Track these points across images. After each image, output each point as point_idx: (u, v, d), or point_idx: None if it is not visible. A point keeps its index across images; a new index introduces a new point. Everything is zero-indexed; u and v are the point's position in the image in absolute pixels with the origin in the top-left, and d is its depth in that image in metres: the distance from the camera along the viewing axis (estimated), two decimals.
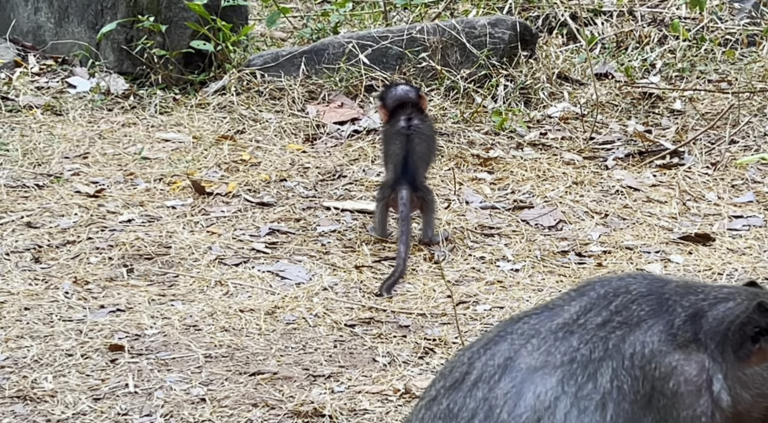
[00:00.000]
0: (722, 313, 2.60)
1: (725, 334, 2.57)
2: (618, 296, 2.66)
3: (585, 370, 2.56)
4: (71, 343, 4.35)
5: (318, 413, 3.82)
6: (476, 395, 2.62)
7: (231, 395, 3.97)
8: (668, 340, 2.56)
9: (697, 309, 2.62)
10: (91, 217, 5.53)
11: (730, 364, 2.56)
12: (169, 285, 4.94)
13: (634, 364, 2.53)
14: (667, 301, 2.63)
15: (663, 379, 2.52)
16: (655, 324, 2.59)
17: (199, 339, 4.41)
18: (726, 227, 5.54)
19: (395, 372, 4.13)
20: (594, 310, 2.65)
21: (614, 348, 2.57)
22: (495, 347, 2.69)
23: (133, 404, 3.92)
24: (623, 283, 2.71)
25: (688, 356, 2.55)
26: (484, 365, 2.66)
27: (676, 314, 2.60)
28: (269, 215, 5.61)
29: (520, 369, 2.60)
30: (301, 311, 4.66)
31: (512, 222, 5.58)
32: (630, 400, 2.51)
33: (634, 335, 2.57)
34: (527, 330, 2.68)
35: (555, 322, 2.67)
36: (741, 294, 2.66)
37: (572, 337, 2.61)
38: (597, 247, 5.32)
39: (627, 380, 2.52)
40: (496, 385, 2.60)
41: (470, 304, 4.75)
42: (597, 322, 2.62)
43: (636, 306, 2.63)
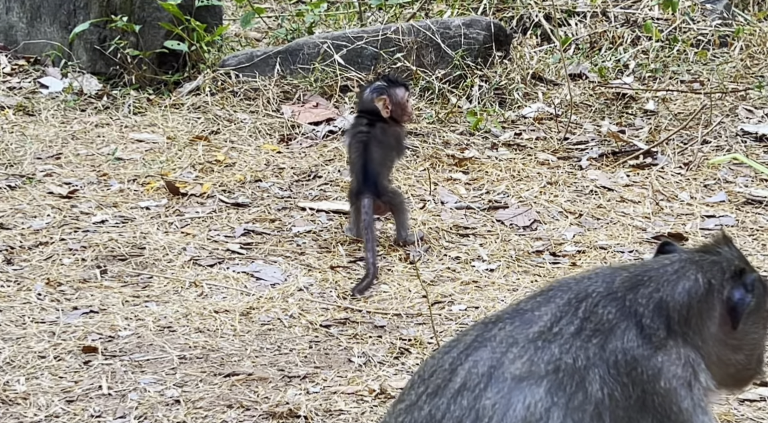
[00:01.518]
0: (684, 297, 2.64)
1: (697, 316, 2.61)
2: (581, 301, 2.68)
3: (572, 379, 2.56)
4: (44, 345, 4.32)
5: (293, 414, 3.81)
6: (461, 403, 2.61)
7: (206, 396, 3.96)
8: (646, 343, 2.58)
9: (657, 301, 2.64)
10: (64, 218, 5.50)
11: (713, 341, 2.61)
12: (143, 286, 4.91)
13: (619, 371, 2.55)
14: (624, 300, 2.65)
15: (652, 381, 2.54)
16: (628, 328, 2.61)
17: (173, 340, 4.39)
18: (699, 227, 5.57)
19: (371, 372, 4.13)
20: (565, 317, 2.66)
21: (596, 356, 2.58)
22: (476, 354, 2.68)
23: (107, 406, 3.90)
24: (582, 286, 2.72)
25: (670, 354, 2.58)
26: (468, 373, 2.65)
27: (640, 314, 2.62)
28: (244, 216, 5.59)
29: (506, 378, 2.59)
30: (276, 312, 4.65)
31: (487, 222, 5.59)
32: (624, 407, 2.52)
33: (612, 343, 2.59)
34: (505, 337, 2.68)
35: (531, 331, 2.67)
36: (683, 269, 2.69)
37: (552, 345, 2.62)
38: (571, 247, 5.34)
39: (617, 387, 2.53)
40: (482, 394, 2.59)
41: (445, 304, 4.76)
42: (571, 331, 2.63)
43: (602, 310, 2.65)
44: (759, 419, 3.78)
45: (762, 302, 2.69)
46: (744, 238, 5.46)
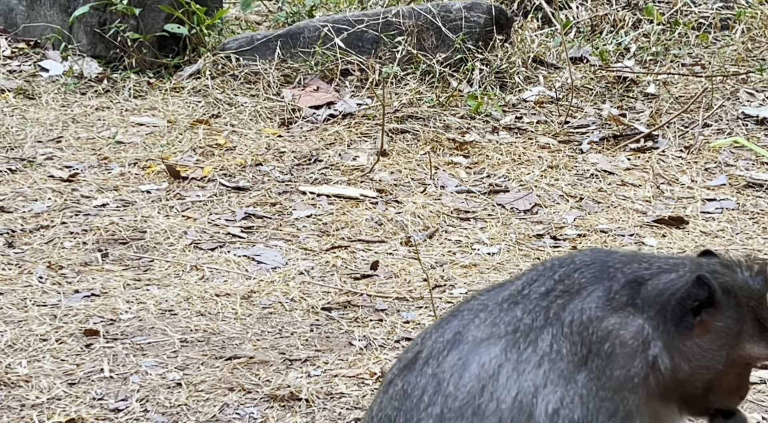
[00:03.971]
0: (663, 283, 2.63)
1: (665, 305, 2.60)
2: (562, 267, 2.71)
3: (527, 338, 2.61)
4: (46, 328, 4.33)
5: (294, 397, 3.82)
6: (426, 372, 2.67)
7: (207, 379, 3.97)
8: (605, 306, 2.60)
9: (638, 276, 2.65)
10: (65, 201, 5.50)
11: (671, 336, 2.59)
12: (144, 270, 4.92)
13: (573, 330, 2.58)
14: (608, 268, 2.66)
15: (599, 342, 2.56)
16: (595, 290, 2.63)
17: (174, 323, 4.41)
18: (699, 210, 5.58)
19: (371, 355, 4.14)
20: (539, 280, 2.70)
21: (555, 316, 2.62)
22: (446, 325, 2.74)
23: (109, 389, 3.91)
24: (570, 255, 2.76)
25: (625, 320, 2.59)
26: (434, 343, 2.72)
27: (615, 280, 2.64)
28: (245, 200, 5.59)
29: (467, 342, 2.66)
30: (277, 295, 4.66)
31: (488, 206, 5.59)
32: (566, 361, 2.56)
33: (573, 303, 2.62)
34: (476, 306, 2.74)
35: (502, 296, 2.72)
36: (685, 265, 2.69)
37: (516, 307, 2.67)
38: (572, 231, 5.35)
39: (565, 344, 2.57)
40: (444, 360, 2.65)
41: (446, 287, 4.77)
42: (540, 292, 2.67)
43: (578, 274, 2.67)
44: (759, 402, 3.79)
45: (725, 329, 2.60)
46: (744, 222, 5.46)
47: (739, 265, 2.69)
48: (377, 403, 2.76)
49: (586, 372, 2.55)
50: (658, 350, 2.58)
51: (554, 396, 2.54)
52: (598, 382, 2.54)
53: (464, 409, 2.61)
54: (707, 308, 2.61)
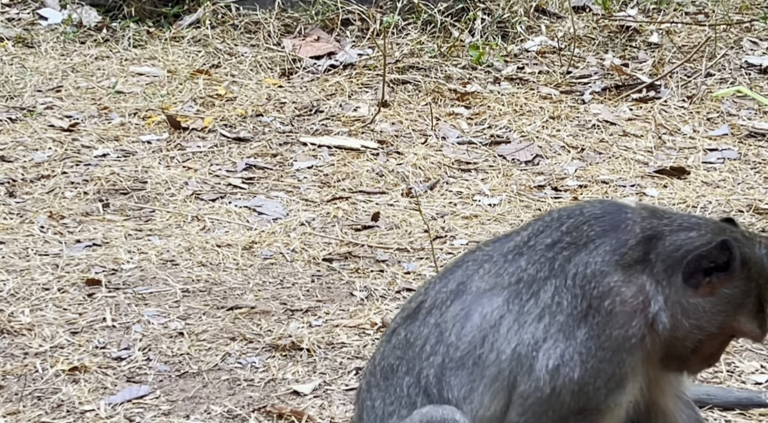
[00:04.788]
0: (681, 240, 2.64)
1: (679, 261, 2.61)
2: (571, 218, 2.71)
3: (529, 288, 2.63)
4: (48, 277, 4.35)
5: (296, 347, 3.85)
6: (429, 322, 2.69)
7: (209, 329, 3.99)
8: (612, 261, 2.61)
9: (657, 232, 2.65)
10: (65, 151, 5.49)
11: (675, 289, 2.61)
12: (145, 220, 4.93)
13: (575, 283, 2.59)
14: (625, 221, 2.66)
15: (599, 298, 2.57)
16: (603, 244, 2.63)
17: (176, 274, 4.42)
18: (701, 160, 5.57)
19: (372, 306, 4.16)
20: (545, 231, 2.70)
21: (559, 268, 2.63)
22: (450, 275, 2.75)
23: (111, 338, 3.94)
24: (578, 206, 2.76)
25: (628, 278, 2.59)
26: (438, 293, 2.73)
27: (632, 234, 2.64)
28: (246, 150, 5.58)
29: (471, 292, 2.67)
30: (278, 246, 4.67)
31: (489, 157, 5.58)
32: (566, 314, 2.57)
33: (579, 256, 2.63)
34: (481, 256, 2.75)
35: (507, 246, 2.73)
36: (708, 226, 2.69)
37: (521, 258, 2.68)
38: (573, 182, 5.34)
39: (567, 297, 2.59)
40: (446, 311, 2.67)
41: (447, 238, 4.77)
42: (546, 243, 2.68)
43: (587, 227, 2.67)
44: (758, 350, 3.82)
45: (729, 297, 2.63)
46: (746, 172, 5.45)
47: (759, 241, 2.69)
48: (380, 352, 2.78)
49: (586, 328, 2.56)
50: (657, 307, 2.59)
51: (555, 352, 2.56)
52: (597, 341, 2.55)
53: (465, 359, 2.62)
54: (719, 273, 2.62)
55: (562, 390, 2.53)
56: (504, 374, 2.61)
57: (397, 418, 2.65)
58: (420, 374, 2.65)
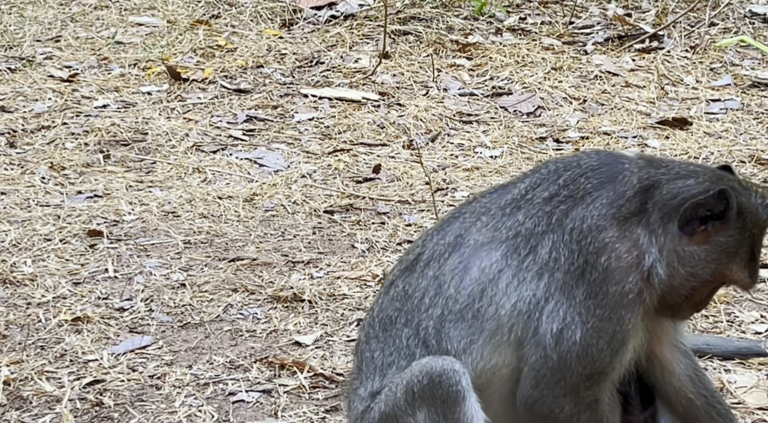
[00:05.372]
0: (679, 187, 2.63)
1: (676, 209, 2.61)
2: (568, 170, 2.70)
3: (527, 243, 2.64)
4: (49, 228, 4.35)
5: (297, 298, 3.86)
6: (427, 274, 2.70)
7: (211, 280, 4.00)
8: (609, 215, 2.61)
9: (655, 181, 2.65)
10: (65, 102, 5.47)
11: (671, 238, 2.61)
12: (146, 171, 4.92)
13: (572, 238, 2.60)
14: (622, 172, 2.66)
15: (596, 253, 2.58)
16: (600, 197, 2.63)
17: (177, 225, 4.42)
18: (703, 111, 5.55)
19: (373, 258, 4.16)
20: (543, 185, 2.70)
21: (557, 222, 2.63)
22: (447, 228, 2.76)
23: (114, 288, 3.95)
24: (575, 158, 2.75)
25: (623, 233, 2.60)
26: (435, 245, 2.74)
27: (629, 186, 2.64)
28: (246, 102, 5.56)
29: (469, 245, 2.68)
30: (279, 198, 4.67)
31: (491, 109, 5.56)
32: (564, 271, 2.59)
33: (576, 210, 2.63)
34: (478, 208, 2.75)
35: (504, 199, 2.73)
36: (705, 174, 2.68)
37: (519, 212, 2.68)
38: (575, 133, 5.33)
39: (564, 252, 2.60)
40: (445, 263, 2.68)
41: (448, 190, 4.77)
42: (544, 197, 2.68)
43: (584, 179, 2.67)
44: (758, 300, 3.83)
45: (724, 245, 2.63)
46: (749, 122, 5.43)
47: (755, 191, 2.69)
48: (378, 304, 2.79)
49: (584, 286, 2.57)
50: (652, 260, 2.59)
51: (558, 314, 2.57)
52: (595, 299, 2.56)
53: (464, 311, 2.64)
54: (715, 221, 2.62)
55: (568, 355, 2.56)
56: (504, 329, 2.63)
57: (396, 368, 2.66)
58: (419, 326, 2.66)
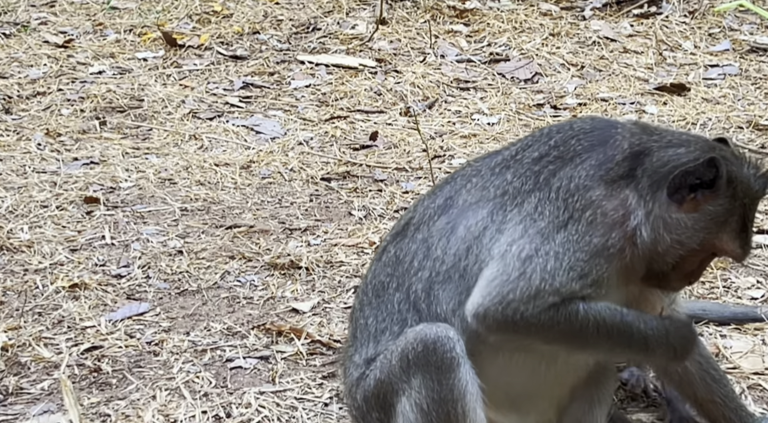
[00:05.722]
0: (669, 156, 2.63)
1: (665, 176, 2.60)
2: (560, 133, 2.71)
3: (513, 200, 2.64)
4: (46, 195, 4.34)
5: (295, 265, 3.86)
6: (417, 238, 2.70)
7: (208, 247, 4.00)
8: (596, 176, 2.61)
9: (646, 148, 2.65)
10: (60, 68, 5.44)
11: (659, 205, 2.61)
12: (142, 138, 4.91)
13: (558, 196, 2.60)
14: (614, 136, 2.66)
15: (581, 210, 2.58)
16: (589, 158, 2.63)
17: (174, 192, 4.42)
18: (701, 77, 5.53)
19: (370, 225, 4.16)
20: (534, 146, 2.70)
21: (544, 181, 2.63)
22: (439, 192, 2.76)
23: (111, 255, 3.95)
24: (569, 122, 2.75)
25: (611, 193, 2.60)
26: (426, 208, 2.74)
27: (619, 150, 2.64)
28: (243, 69, 5.54)
29: (457, 206, 2.68)
30: (276, 166, 4.66)
31: (488, 75, 5.54)
32: (547, 221, 2.58)
33: (564, 170, 2.63)
34: (470, 171, 2.76)
35: (495, 160, 2.73)
36: (697, 143, 2.68)
37: (508, 171, 2.68)
38: (572, 100, 5.31)
39: (549, 208, 2.60)
40: (433, 225, 2.68)
41: (445, 157, 4.76)
42: (533, 157, 2.68)
43: (575, 141, 2.67)
44: (754, 266, 3.84)
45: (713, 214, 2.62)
46: (747, 87, 5.42)
47: (748, 161, 2.68)
48: (371, 270, 2.80)
49: (565, 233, 2.57)
50: (637, 222, 2.59)
51: (530, 246, 2.56)
52: (576, 244, 2.56)
53: (451, 271, 2.64)
54: (704, 190, 2.62)
55: (532, 275, 2.54)
56: None
57: (390, 334, 2.67)
58: (409, 290, 2.66)
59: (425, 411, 2.55)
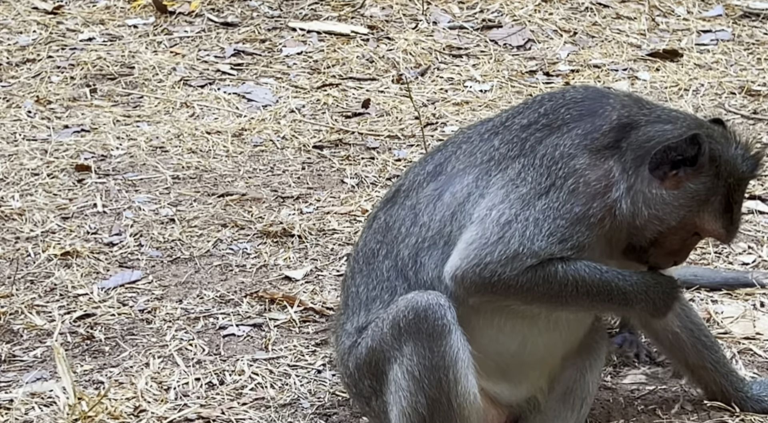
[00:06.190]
0: (656, 131, 2.63)
1: (649, 151, 2.60)
2: (551, 101, 2.70)
3: (498, 166, 2.64)
4: (37, 163, 4.33)
5: (287, 233, 3.86)
6: (406, 204, 2.71)
7: (200, 216, 4.00)
8: (581, 145, 2.61)
9: (633, 121, 2.65)
10: (50, 35, 5.41)
11: (641, 179, 2.61)
12: (133, 106, 4.89)
13: (542, 163, 2.60)
14: (604, 106, 2.65)
15: (564, 178, 2.58)
16: (576, 128, 2.63)
17: (166, 160, 4.41)
18: (694, 42, 5.51)
19: (363, 193, 4.16)
20: (523, 113, 2.70)
21: (530, 148, 2.63)
22: (430, 159, 2.76)
23: (103, 223, 3.94)
24: (562, 91, 2.75)
25: (595, 162, 2.60)
26: (416, 175, 2.74)
27: (607, 121, 2.63)
28: (234, 36, 5.51)
29: (446, 172, 2.69)
30: (268, 133, 4.65)
31: (480, 42, 5.52)
32: (529, 188, 2.59)
33: (550, 138, 2.63)
34: (461, 138, 2.76)
35: (485, 127, 2.73)
36: (686, 120, 2.68)
37: (495, 137, 2.68)
38: (565, 66, 5.30)
39: (532, 172, 2.60)
40: (421, 192, 2.69)
41: (438, 125, 4.75)
42: (522, 124, 2.68)
43: (564, 110, 2.67)
44: (746, 231, 3.85)
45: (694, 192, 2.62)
46: (739, 53, 5.41)
47: (737, 141, 2.67)
48: (362, 238, 2.80)
49: (546, 200, 2.58)
50: (619, 194, 2.59)
51: (509, 211, 2.57)
52: (556, 211, 2.57)
53: (436, 238, 2.64)
54: (687, 167, 2.61)
55: (511, 239, 2.54)
56: None
57: (380, 303, 2.67)
58: (397, 257, 2.67)
59: (417, 378, 2.56)
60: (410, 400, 2.57)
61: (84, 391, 3.04)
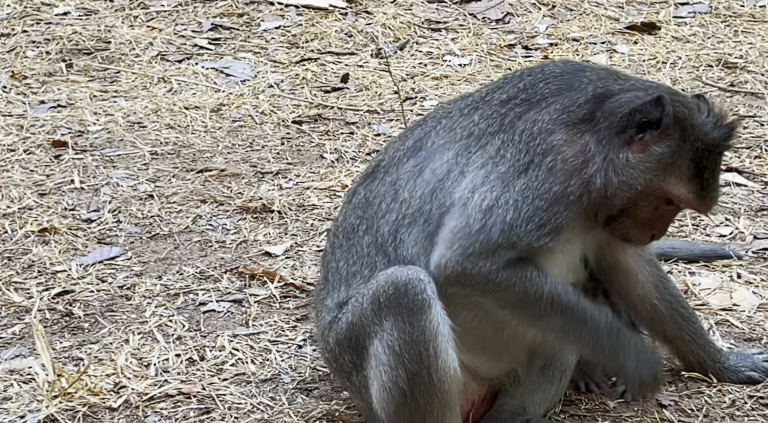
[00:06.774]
0: (627, 98, 2.64)
1: (620, 118, 2.61)
2: (530, 76, 2.71)
3: (478, 142, 2.65)
4: (13, 139, 4.30)
5: (267, 209, 3.86)
6: (386, 180, 2.71)
7: (179, 191, 3.98)
8: (559, 120, 2.61)
9: (608, 91, 2.65)
10: (24, 8, 5.35)
11: (612, 147, 2.62)
12: (110, 81, 4.85)
13: (521, 139, 2.61)
14: (581, 79, 2.66)
15: (542, 154, 2.59)
16: (554, 102, 2.64)
17: (144, 136, 4.38)
18: (671, 15, 5.52)
19: (343, 168, 4.16)
20: (503, 88, 2.71)
21: (509, 124, 2.64)
22: (410, 134, 2.76)
23: (80, 200, 3.92)
24: (541, 65, 2.76)
25: (572, 137, 2.61)
26: (396, 151, 2.74)
27: (583, 92, 2.64)
28: (211, 10, 5.47)
29: (426, 148, 2.69)
30: (247, 108, 4.63)
31: (459, 16, 5.50)
32: (508, 165, 2.60)
33: (530, 113, 2.64)
34: (441, 113, 2.76)
35: (465, 102, 2.73)
36: (659, 89, 2.68)
37: (475, 113, 2.69)
38: (544, 40, 5.29)
39: (511, 151, 2.61)
40: (402, 167, 2.69)
41: (417, 99, 4.75)
42: (501, 99, 2.68)
43: (543, 85, 2.67)
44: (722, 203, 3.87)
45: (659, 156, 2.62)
46: (717, 26, 5.42)
47: (710, 109, 2.68)
48: (342, 213, 2.80)
49: (525, 180, 2.58)
50: (595, 168, 2.60)
51: (490, 194, 2.58)
52: (536, 191, 2.58)
53: (416, 215, 2.65)
54: (653, 131, 2.62)
55: (492, 227, 2.56)
56: None
57: (360, 278, 2.67)
58: (377, 233, 2.67)
59: (397, 353, 2.57)
60: (391, 375, 2.58)
61: (63, 367, 3.04)
